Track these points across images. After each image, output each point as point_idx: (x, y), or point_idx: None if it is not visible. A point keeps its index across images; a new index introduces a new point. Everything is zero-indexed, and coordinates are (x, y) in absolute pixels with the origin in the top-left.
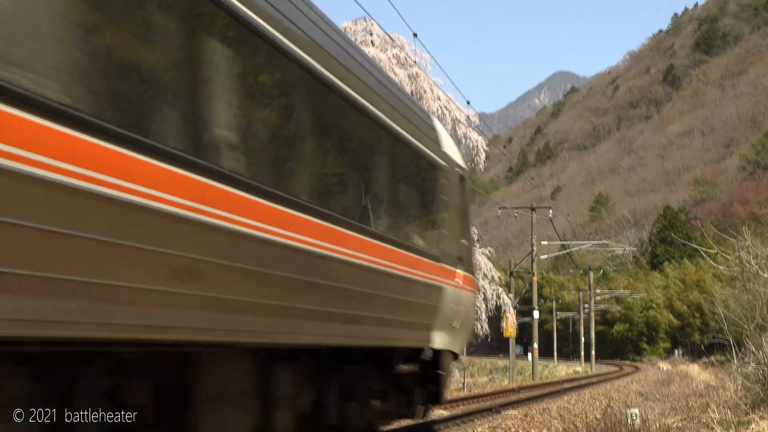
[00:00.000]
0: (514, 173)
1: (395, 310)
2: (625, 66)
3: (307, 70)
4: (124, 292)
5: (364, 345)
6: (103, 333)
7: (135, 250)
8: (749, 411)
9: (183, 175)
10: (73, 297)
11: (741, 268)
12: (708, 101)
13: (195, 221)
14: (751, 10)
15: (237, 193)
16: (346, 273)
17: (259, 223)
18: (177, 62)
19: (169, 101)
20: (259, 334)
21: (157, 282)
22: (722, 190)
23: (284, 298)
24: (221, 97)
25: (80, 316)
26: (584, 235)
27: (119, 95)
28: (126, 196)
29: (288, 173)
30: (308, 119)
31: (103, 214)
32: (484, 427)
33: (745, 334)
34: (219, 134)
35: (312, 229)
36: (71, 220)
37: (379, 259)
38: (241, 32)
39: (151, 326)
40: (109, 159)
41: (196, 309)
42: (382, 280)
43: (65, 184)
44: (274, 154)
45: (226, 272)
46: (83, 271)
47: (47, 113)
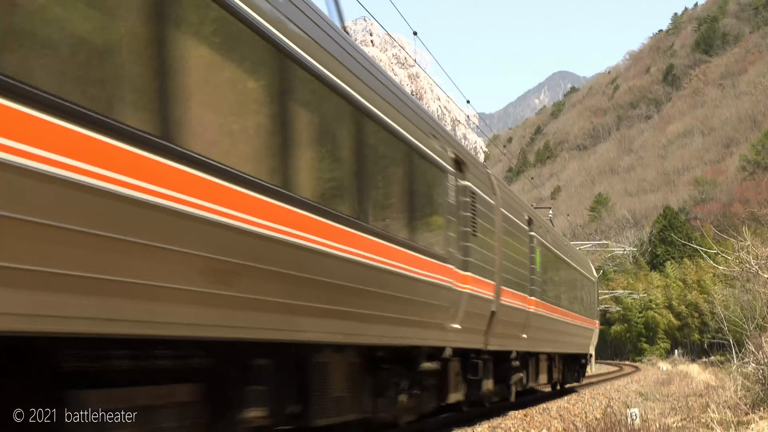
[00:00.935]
0: (514, 173)
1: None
2: (625, 66)
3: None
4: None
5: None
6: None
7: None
8: (749, 411)
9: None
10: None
11: (741, 269)
12: (708, 101)
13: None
14: (751, 10)
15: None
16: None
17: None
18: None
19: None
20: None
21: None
22: (722, 190)
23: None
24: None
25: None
26: (584, 235)
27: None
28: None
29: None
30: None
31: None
32: (483, 427)
33: (745, 334)
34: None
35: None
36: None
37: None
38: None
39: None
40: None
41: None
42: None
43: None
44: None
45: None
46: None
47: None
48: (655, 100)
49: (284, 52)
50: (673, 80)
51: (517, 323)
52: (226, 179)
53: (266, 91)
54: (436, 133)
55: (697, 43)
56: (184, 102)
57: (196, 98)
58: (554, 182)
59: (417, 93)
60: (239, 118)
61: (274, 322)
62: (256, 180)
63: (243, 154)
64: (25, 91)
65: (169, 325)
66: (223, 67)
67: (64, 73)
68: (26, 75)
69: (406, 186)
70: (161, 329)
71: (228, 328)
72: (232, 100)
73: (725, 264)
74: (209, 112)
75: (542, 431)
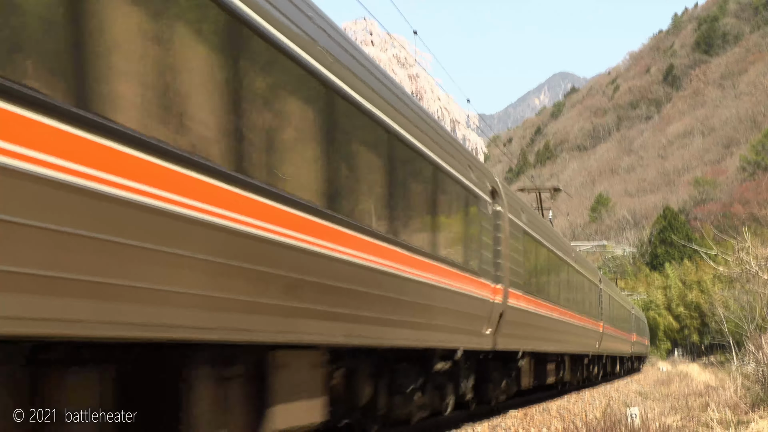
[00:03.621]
0: (514, 174)
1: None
2: (625, 66)
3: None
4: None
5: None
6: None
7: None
8: (749, 411)
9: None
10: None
11: (741, 269)
12: (708, 101)
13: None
14: (751, 10)
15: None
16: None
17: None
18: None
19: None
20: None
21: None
22: (722, 191)
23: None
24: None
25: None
26: (584, 235)
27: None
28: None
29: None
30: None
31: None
32: (484, 426)
33: (745, 335)
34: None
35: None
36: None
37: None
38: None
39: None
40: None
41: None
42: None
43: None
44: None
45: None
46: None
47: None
48: (655, 100)
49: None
50: (674, 80)
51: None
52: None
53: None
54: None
55: (697, 43)
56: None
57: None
58: (554, 182)
59: (417, 93)
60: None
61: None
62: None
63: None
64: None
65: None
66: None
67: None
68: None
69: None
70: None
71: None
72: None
73: (725, 265)
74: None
75: (542, 431)
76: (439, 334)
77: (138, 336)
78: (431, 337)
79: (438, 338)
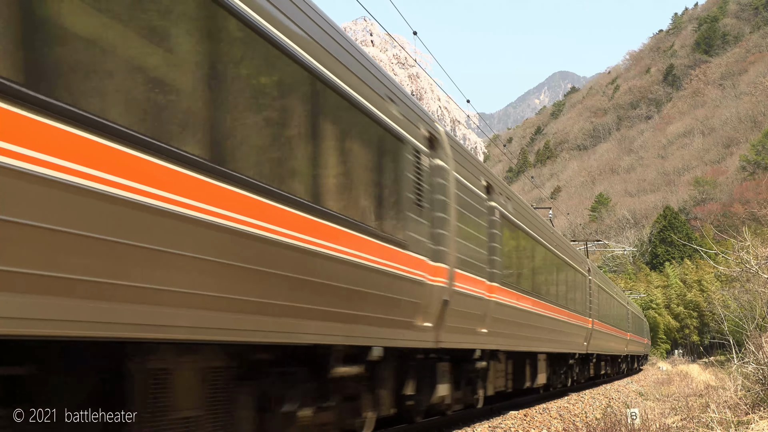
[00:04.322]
0: (514, 173)
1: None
2: (625, 66)
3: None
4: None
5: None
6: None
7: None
8: (749, 411)
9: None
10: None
11: (741, 269)
12: (708, 101)
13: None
14: (751, 10)
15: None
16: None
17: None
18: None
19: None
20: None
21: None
22: (722, 190)
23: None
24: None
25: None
26: (584, 235)
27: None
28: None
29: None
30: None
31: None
32: (483, 426)
33: (745, 334)
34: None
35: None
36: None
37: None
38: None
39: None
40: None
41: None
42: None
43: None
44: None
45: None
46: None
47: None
48: (655, 100)
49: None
50: (674, 80)
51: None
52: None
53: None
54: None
55: (697, 43)
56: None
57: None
58: (554, 182)
59: (417, 93)
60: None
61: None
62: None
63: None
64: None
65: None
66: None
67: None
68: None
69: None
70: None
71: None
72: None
73: (725, 264)
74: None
75: (542, 431)
76: (341, 326)
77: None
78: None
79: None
